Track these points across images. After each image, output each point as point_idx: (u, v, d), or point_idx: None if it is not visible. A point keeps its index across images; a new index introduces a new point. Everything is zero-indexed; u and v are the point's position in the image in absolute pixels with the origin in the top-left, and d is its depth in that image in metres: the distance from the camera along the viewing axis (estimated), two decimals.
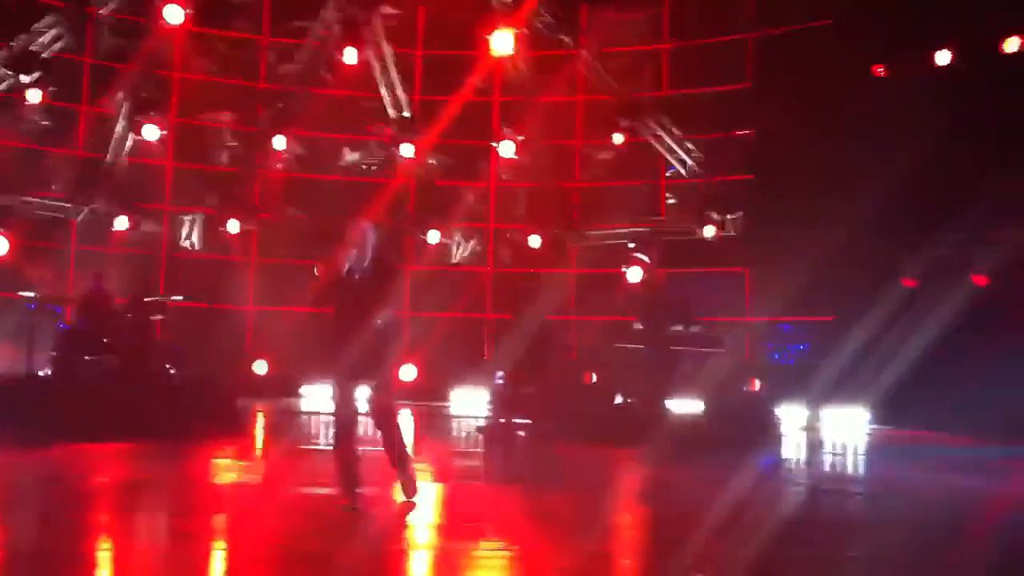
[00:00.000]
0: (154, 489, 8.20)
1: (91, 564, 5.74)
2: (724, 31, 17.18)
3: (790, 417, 14.01)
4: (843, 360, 13.44)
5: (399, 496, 7.24)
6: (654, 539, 7.15)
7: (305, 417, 14.35)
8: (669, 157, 17.38)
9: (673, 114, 17.37)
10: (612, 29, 17.65)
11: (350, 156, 18.95)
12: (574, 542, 6.65)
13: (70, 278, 15.75)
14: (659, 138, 17.30)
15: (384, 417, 7.13)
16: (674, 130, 17.23)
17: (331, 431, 7.18)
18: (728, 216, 16.48)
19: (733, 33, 17.12)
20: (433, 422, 14.65)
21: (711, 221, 16.40)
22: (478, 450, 11.69)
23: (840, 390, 13.81)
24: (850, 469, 11.68)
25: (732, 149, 16.77)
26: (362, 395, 7.13)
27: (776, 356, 15.52)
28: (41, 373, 12.74)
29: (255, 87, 18.17)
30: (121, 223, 16.43)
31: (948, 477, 10.16)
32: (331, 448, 7.13)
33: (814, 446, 12.86)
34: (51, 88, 15.88)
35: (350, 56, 17.08)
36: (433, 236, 17.64)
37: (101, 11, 16.63)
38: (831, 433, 14.06)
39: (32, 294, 13.38)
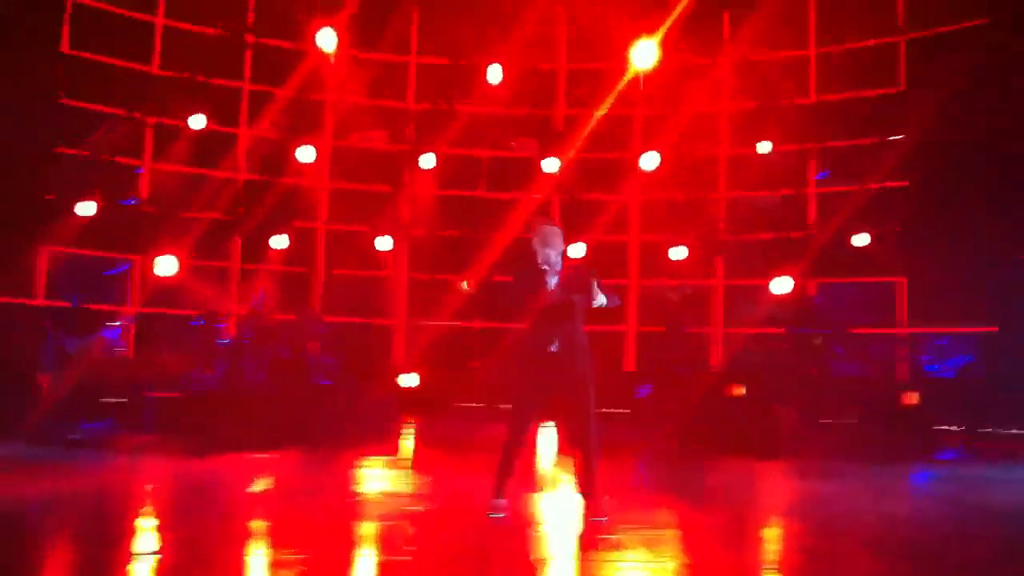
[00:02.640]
0: (302, 497, 8.51)
1: (241, 569, 6.01)
2: (874, 34, 16.75)
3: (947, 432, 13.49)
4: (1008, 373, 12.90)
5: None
6: (804, 553, 7.04)
7: (455, 431, 14.59)
8: (817, 164, 17.02)
9: (822, 120, 17.01)
10: (756, 35, 17.41)
11: (495, 173, 19.21)
12: (724, 556, 6.62)
13: (232, 294, 16.45)
14: (807, 145, 16.96)
15: (585, 438, 7.01)
16: (822, 136, 16.87)
17: (503, 440, 7.20)
18: (881, 224, 16.01)
19: (883, 36, 16.67)
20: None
21: (862, 229, 15.95)
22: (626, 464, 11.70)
23: (1003, 405, 13.21)
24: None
25: (884, 155, 16.29)
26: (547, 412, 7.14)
27: (934, 368, 14.96)
28: (206, 387, 13.37)
29: (404, 107, 18.63)
30: (279, 242, 17.07)
31: None
32: (497, 457, 7.20)
33: (972, 462, 12.35)
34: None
35: (494, 75, 17.33)
36: (577, 250, 17.70)
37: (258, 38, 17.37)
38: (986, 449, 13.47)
39: (199, 311, 14.07)
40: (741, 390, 13.17)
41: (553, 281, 7.03)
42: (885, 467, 11.07)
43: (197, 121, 16.41)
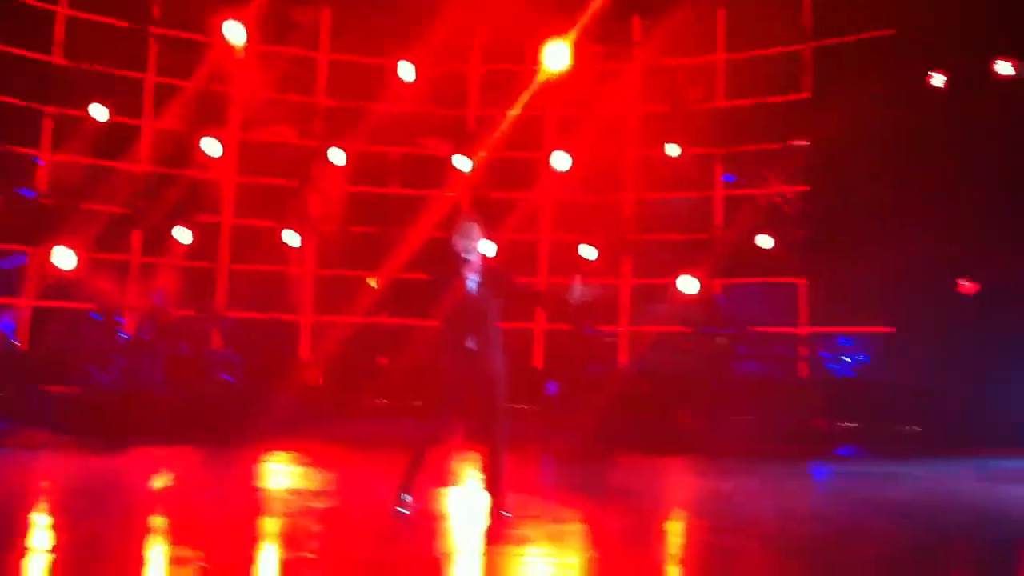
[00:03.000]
0: (204, 494, 8.36)
1: (140, 565, 5.88)
2: (781, 42, 17.11)
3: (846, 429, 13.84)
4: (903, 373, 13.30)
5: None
6: (706, 548, 7.15)
7: (361, 428, 14.48)
8: (724, 168, 17.32)
9: (729, 125, 17.31)
10: (666, 41, 17.65)
11: (406, 170, 19.12)
12: (627, 551, 6.69)
13: (132, 289, 16.07)
14: (715, 149, 17.26)
15: (494, 436, 7.00)
16: (729, 141, 17.18)
17: (419, 437, 7.17)
18: (784, 227, 16.36)
19: (790, 44, 17.04)
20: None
21: (766, 232, 16.28)
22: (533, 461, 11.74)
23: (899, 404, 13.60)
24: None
25: (788, 160, 16.65)
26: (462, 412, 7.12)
27: (834, 368, 15.35)
28: (104, 383, 13.05)
29: (313, 102, 18.43)
30: (183, 236, 16.73)
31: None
32: (407, 454, 7.16)
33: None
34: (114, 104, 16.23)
35: (407, 72, 17.25)
36: (488, 248, 17.71)
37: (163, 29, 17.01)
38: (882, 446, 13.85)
39: (97, 305, 13.69)
40: (647, 387, 13.37)
41: (471, 277, 7.02)
42: (785, 464, 11.32)
43: (99, 112, 16.00)
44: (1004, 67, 13.99)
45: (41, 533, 6.76)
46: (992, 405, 12.51)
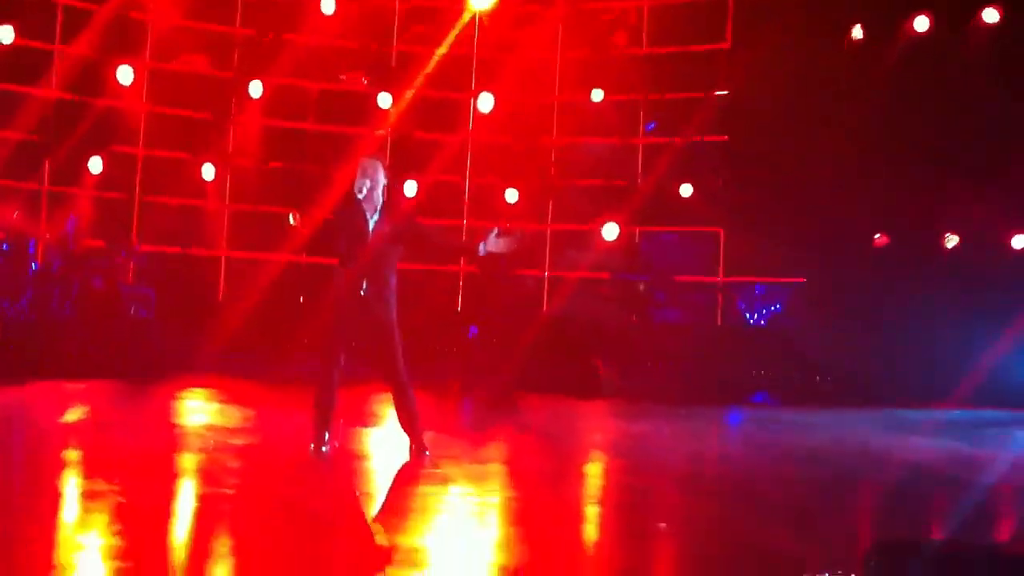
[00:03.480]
0: (118, 429, 8.23)
1: (54, 497, 5.78)
2: None
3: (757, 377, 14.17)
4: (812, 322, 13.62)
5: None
6: (622, 489, 7.29)
7: (279, 366, 14.36)
8: (645, 115, 17.39)
9: (652, 72, 17.35)
10: None
11: (326, 105, 18.79)
12: (547, 491, 6.78)
13: (42, 219, 15.60)
14: (637, 96, 17.30)
15: (395, 378, 7.02)
16: (651, 88, 17.23)
17: (316, 377, 7.14)
18: (703, 176, 16.53)
19: None
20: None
21: (686, 180, 16.44)
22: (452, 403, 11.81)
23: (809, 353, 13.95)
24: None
25: (708, 109, 16.78)
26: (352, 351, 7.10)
27: (748, 316, 15.68)
28: (12, 314, 12.71)
29: (231, 32, 17.95)
30: (95, 165, 16.26)
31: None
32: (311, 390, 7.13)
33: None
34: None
35: (327, 5, 16.89)
36: (410, 188, 17.58)
37: None
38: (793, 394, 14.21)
39: (5, 235, 13.27)
40: (565, 333, 13.50)
41: (373, 217, 6.95)
42: (700, 410, 11.56)
43: (5, 33, 15.37)
44: (921, 23, 14.29)
45: None
46: (899, 357, 12.90)
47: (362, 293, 6.87)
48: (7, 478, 6.03)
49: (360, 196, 6.91)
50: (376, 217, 6.96)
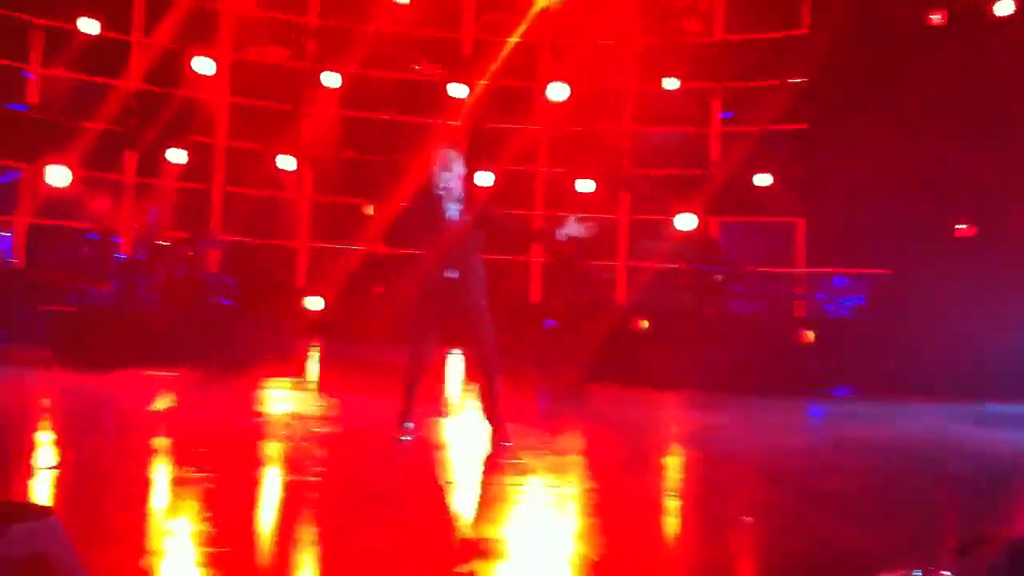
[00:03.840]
0: (205, 417, 8.39)
1: (144, 484, 5.92)
2: None
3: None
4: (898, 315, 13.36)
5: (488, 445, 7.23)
6: (701, 481, 7.26)
7: (360, 355, 14.53)
8: (721, 103, 17.21)
9: (726, 60, 17.17)
10: None
11: (401, 96, 18.91)
12: (626, 482, 6.78)
13: (127, 210, 15.95)
14: (712, 84, 17.12)
15: (488, 365, 7.09)
16: (726, 76, 17.04)
17: (403, 365, 7.21)
18: (782, 165, 16.30)
19: None
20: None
21: (764, 169, 16.23)
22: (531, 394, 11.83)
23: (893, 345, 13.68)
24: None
25: (786, 97, 16.55)
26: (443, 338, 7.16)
27: (829, 308, 15.42)
28: (100, 302, 13.03)
29: (306, 21, 18.14)
30: (177, 157, 16.57)
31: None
32: (399, 382, 7.20)
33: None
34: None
35: None
36: (484, 178, 17.63)
37: None
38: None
39: (92, 225, 13.61)
40: (644, 324, 13.42)
41: (452, 207, 6.99)
42: (778, 402, 11.44)
43: (89, 25, 15.72)
44: (1003, 6, 13.92)
45: (44, 451, 6.79)
46: (987, 349, 12.59)
47: (449, 275, 6.91)
48: (99, 467, 6.19)
49: (439, 186, 6.96)
50: (454, 206, 7.01)
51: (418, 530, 5.03)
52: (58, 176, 13.91)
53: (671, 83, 17.03)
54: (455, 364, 11.82)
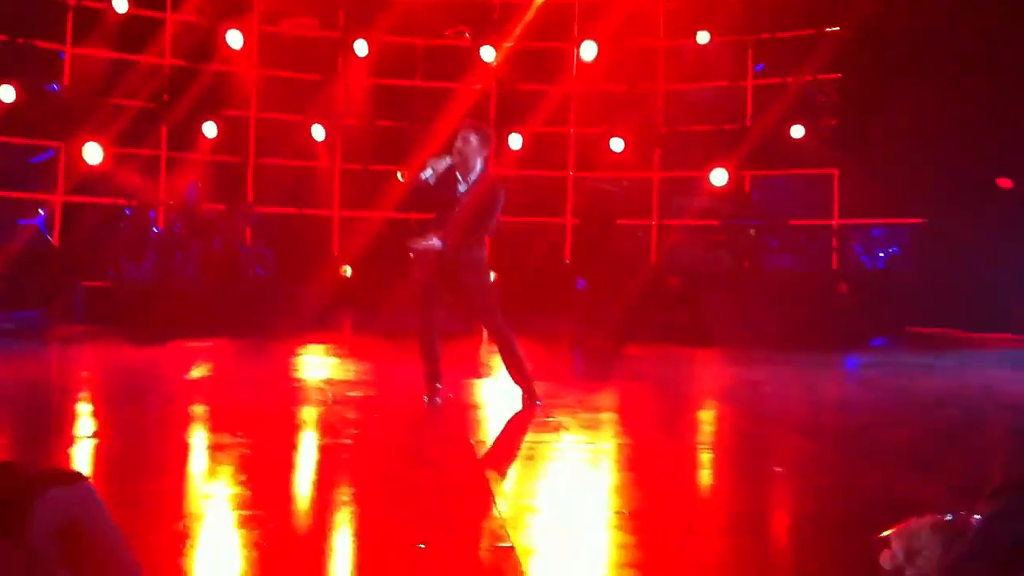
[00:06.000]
0: (241, 385, 8.49)
1: (182, 450, 6.01)
2: None
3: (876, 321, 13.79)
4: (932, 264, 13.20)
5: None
6: (737, 435, 7.23)
7: (391, 322, 14.60)
8: (754, 57, 16.98)
9: (759, 11, 16.90)
10: None
11: (430, 61, 18.86)
12: (660, 438, 6.77)
13: (161, 184, 16.09)
14: (746, 37, 16.88)
15: (498, 331, 7.13)
16: (760, 28, 16.79)
17: (416, 331, 7.28)
18: (816, 117, 16.08)
19: None
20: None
21: (798, 122, 16.02)
22: (563, 354, 11.84)
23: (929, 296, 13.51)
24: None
25: (820, 47, 16.29)
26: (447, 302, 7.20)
27: (865, 260, 15.25)
28: (137, 277, 13.18)
29: None
30: (209, 129, 16.66)
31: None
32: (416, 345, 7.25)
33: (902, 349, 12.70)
34: None
35: None
36: (515, 141, 17.58)
37: None
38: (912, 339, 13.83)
39: (128, 200, 13.74)
40: (676, 281, 13.36)
41: (464, 184, 6.95)
42: (816, 355, 11.35)
43: (119, 3, 15.79)
44: None
45: (85, 421, 6.91)
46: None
47: (435, 244, 6.85)
48: (137, 435, 6.29)
49: (452, 162, 6.93)
50: (466, 185, 6.97)
51: (452, 490, 5.06)
52: (93, 153, 14.04)
53: (703, 37, 16.82)
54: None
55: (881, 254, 14.76)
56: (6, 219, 14.13)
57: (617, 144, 16.89)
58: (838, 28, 15.98)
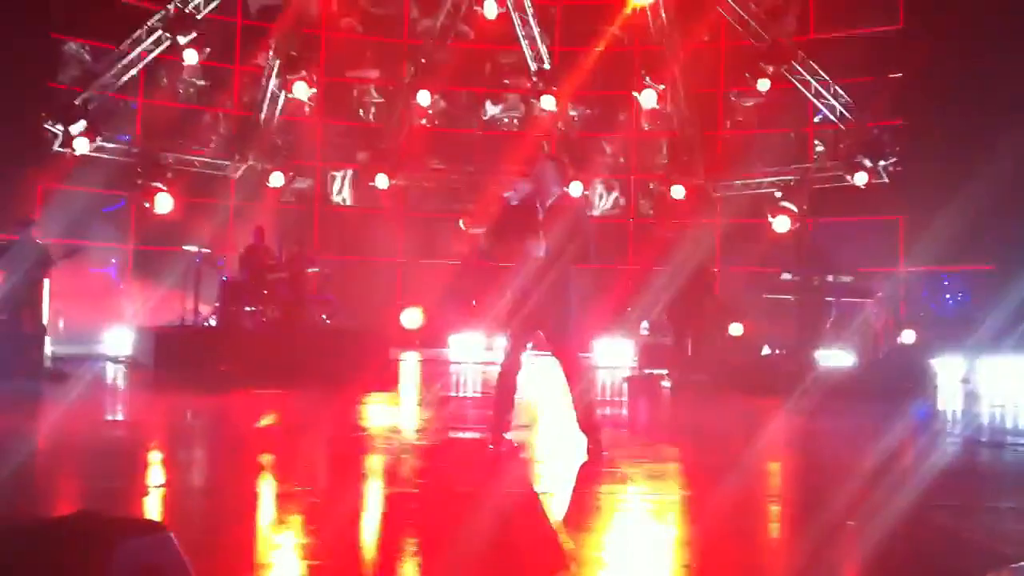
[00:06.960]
0: (312, 433, 8.56)
1: (252, 499, 6.08)
2: None
3: (947, 369, 13.56)
4: (1006, 310, 12.94)
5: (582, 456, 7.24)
6: (803, 488, 7.13)
7: (455, 366, 14.67)
8: (817, 103, 16.94)
9: (821, 58, 16.88)
10: None
11: (491, 110, 19.10)
12: (722, 489, 6.70)
13: (230, 232, 16.40)
14: (806, 83, 16.86)
15: (573, 370, 7.13)
16: (822, 74, 16.76)
17: (496, 374, 7.31)
18: (880, 162, 15.96)
19: None
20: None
21: (862, 168, 15.91)
22: (623, 400, 11.79)
23: (1002, 341, 13.27)
24: (1009, 422, 11.31)
25: (882, 93, 16.21)
26: (535, 345, 7.21)
27: (933, 307, 15.00)
28: (206, 323, 13.41)
29: (398, 43, 18.45)
30: (276, 179, 16.97)
31: None
32: (491, 392, 7.26)
33: (971, 397, 12.48)
34: (206, 49, 16.38)
35: (490, 9, 17.17)
36: (575, 189, 17.67)
37: None
38: (991, 385, 13.59)
39: (197, 247, 14.02)
40: (739, 329, 13.23)
41: (542, 213, 7.02)
42: (883, 404, 11.17)
43: (190, 56, 16.23)
44: None
45: (153, 467, 7.02)
46: None
47: (537, 253, 6.89)
48: (208, 483, 6.38)
49: (531, 188, 7.01)
50: (543, 212, 7.04)
51: (517, 540, 5.06)
52: (163, 202, 14.37)
53: (764, 84, 16.84)
54: (552, 374, 11.84)
55: (949, 299, 14.52)
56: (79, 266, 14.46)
57: (678, 191, 16.90)
58: (900, 74, 15.92)
